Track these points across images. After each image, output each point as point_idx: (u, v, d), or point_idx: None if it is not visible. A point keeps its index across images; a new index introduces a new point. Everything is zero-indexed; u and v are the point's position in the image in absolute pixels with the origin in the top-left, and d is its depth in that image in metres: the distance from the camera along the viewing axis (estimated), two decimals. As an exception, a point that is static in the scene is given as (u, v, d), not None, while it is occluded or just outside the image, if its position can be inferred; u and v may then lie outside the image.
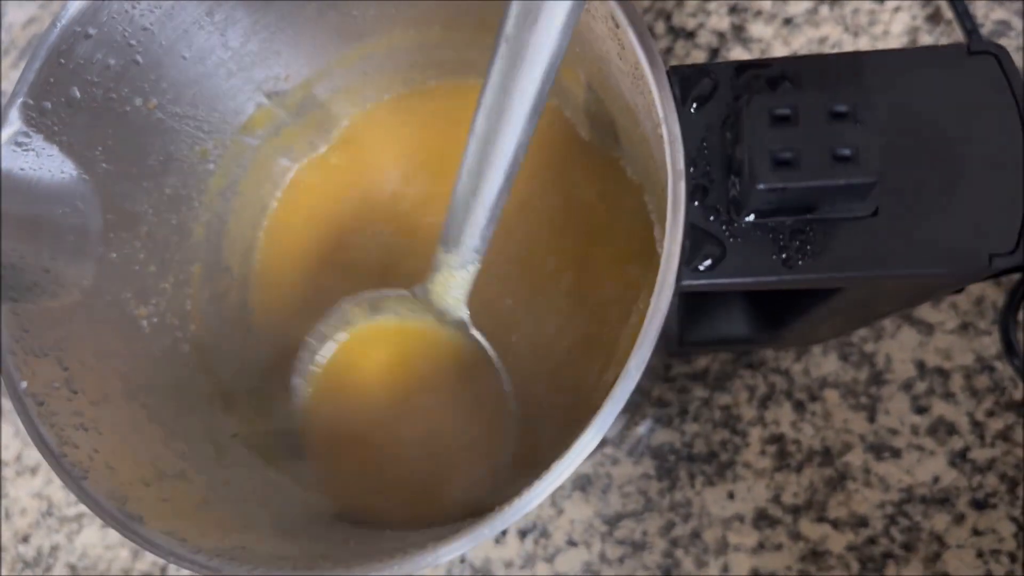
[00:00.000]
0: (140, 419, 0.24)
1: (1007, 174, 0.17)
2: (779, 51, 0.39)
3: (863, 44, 0.38)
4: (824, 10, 0.39)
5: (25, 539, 0.42)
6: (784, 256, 0.18)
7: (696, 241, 0.18)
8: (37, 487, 0.42)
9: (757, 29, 0.39)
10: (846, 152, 0.16)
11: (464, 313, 0.28)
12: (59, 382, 0.23)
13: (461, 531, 0.20)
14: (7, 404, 0.43)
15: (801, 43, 0.39)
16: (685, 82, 0.18)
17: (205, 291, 0.29)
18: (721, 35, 0.39)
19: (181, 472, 0.24)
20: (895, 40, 0.38)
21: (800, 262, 0.18)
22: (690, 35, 0.39)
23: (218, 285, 0.30)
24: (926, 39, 0.38)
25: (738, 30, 0.39)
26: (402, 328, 0.30)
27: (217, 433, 0.26)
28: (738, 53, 0.39)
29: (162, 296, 0.27)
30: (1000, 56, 0.18)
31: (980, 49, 0.18)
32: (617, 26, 0.19)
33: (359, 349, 0.30)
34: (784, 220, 0.18)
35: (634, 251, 0.31)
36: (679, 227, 0.18)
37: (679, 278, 0.18)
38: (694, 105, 0.19)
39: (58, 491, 0.42)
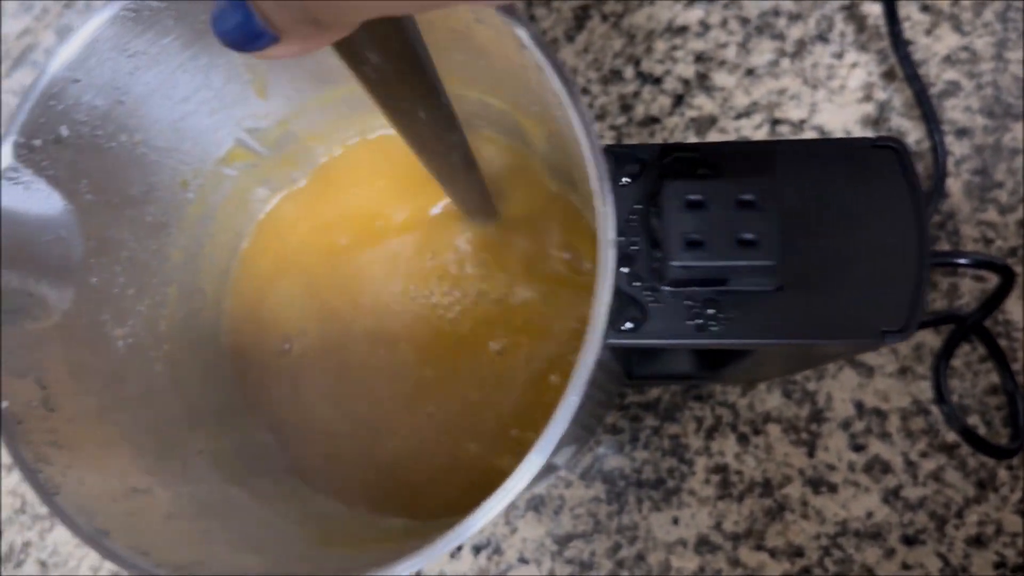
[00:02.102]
0: (112, 436, 0.26)
1: (901, 258, 0.19)
2: (740, 100, 0.41)
3: (820, 97, 0.40)
4: (785, 62, 0.41)
5: (-2, 534, 0.43)
6: (698, 322, 0.20)
7: (621, 304, 0.20)
8: (12, 485, 0.44)
9: (721, 78, 0.41)
10: (749, 237, 0.18)
11: None
12: (36, 401, 0.24)
13: (415, 550, 0.21)
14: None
15: (761, 93, 0.41)
16: (618, 159, 0.20)
17: (180, 311, 0.31)
18: (686, 82, 0.41)
19: (148, 487, 0.25)
20: (851, 94, 0.40)
21: (712, 328, 0.20)
22: (657, 80, 0.41)
23: (192, 305, 0.32)
24: (880, 95, 0.40)
25: (702, 78, 0.41)
26: None
27: (183, 449, 0.28)
28: (701, 100, 0.41)
29: (138, 317, 0.29)
30: (899, 150, 0.20)
31: (883, 144, 0.20)
32: (562, 105, 0.21)
33: None
34: (699, 290, 0.20)
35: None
36: (606, 291, 0.20)
37: (605, 336, 0.20)
38: (626, 179, 0.21)
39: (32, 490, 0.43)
